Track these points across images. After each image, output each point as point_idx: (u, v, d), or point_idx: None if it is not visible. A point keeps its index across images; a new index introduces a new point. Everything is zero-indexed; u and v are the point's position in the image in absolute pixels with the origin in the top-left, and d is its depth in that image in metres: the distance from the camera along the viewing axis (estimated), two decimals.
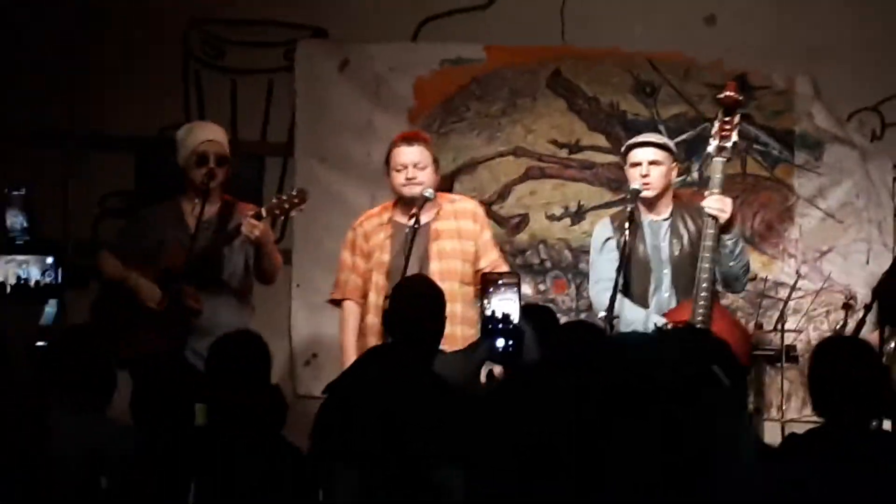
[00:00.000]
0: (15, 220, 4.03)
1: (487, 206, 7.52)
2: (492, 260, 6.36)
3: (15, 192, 4.05)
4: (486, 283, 4.70)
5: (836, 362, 4.15)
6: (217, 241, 6.33)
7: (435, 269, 6.22)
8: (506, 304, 4.64)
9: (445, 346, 5.31)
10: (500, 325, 4.62)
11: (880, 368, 4.34)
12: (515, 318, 4.65)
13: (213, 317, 6.28)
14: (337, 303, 6.49)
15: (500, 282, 4.70)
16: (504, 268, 6.41)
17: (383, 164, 6.44)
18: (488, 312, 4.65)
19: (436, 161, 6.39)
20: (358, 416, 4.64)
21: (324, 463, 4.63)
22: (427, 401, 4.64)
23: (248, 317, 6.51)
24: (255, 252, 6.36)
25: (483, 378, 5.30)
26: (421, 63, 7.88)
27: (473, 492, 4.16)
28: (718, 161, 6.05)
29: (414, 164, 6.30)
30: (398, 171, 6.32)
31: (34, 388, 3.98)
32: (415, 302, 5.04)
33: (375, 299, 6.29)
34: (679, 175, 7.52)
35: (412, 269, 6.12)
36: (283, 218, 6.49)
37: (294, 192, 6.36)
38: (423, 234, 6.28)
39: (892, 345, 6.27)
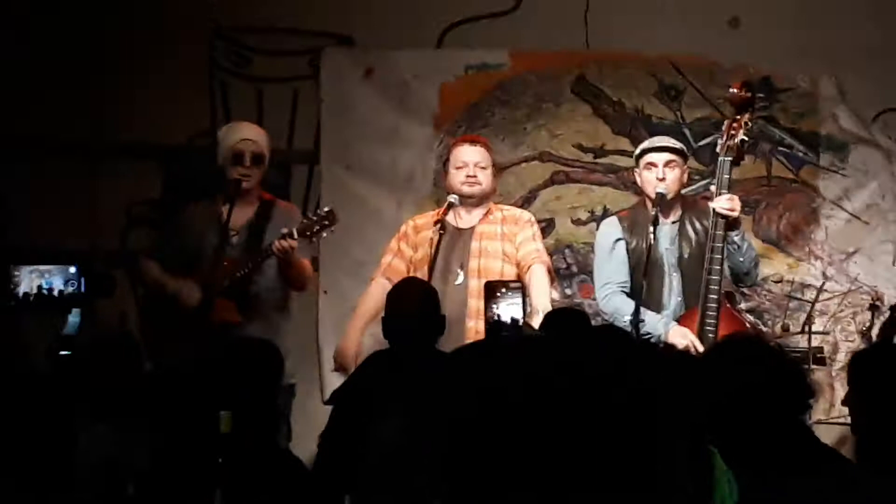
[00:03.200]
0: None
1: None
2: (528, 251, 6.31)
3: None
4: (490, 290, 4.70)
5: None
6: (254, 259, 6.36)
7: (474, 267, 6.26)
8: (512, 309, 4.64)
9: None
10: (507, 332, 4.63)
11: None
12: (521, 322, 4.65)
13: (250, 328, 6.30)
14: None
15: (504, 288, 4.70)
16: (544, 258, 6.38)
17: (441, 165, 6.45)
18: (495, 318, 4.65)
19: (494, 166, 6.47)
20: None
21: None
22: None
23: (285, 327, 6.54)
24: (281, 263, 6.39)
25: None
26: (445, 69, 7.87)
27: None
28: (725, 160, 6.06)
29: (475, 163, 6.36)
30: (458, 168, 6.37)
31: (60, 396, 4.02)
32: (403, 305, 5.07)
33: None
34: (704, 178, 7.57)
35: (453, 268, 6.20)
36: (313, 239, 6.47)
37: (324, 212, 6.36)
38: (468, 235, 6.34)
39: None
